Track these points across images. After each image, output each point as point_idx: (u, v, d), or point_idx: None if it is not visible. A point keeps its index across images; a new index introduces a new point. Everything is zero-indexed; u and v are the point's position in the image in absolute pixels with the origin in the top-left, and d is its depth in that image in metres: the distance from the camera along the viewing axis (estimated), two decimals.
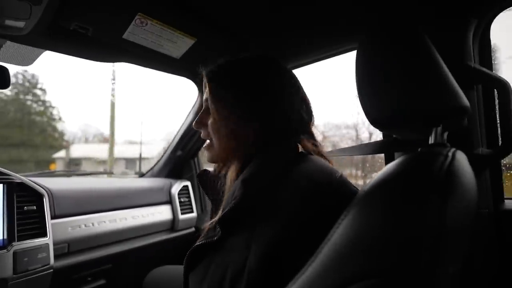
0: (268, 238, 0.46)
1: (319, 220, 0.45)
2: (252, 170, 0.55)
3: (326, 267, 0.32)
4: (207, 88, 0.62)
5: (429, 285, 0.26)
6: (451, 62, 0.46)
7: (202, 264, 0.53)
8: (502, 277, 0.68)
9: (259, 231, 0.47)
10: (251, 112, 0.57)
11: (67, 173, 1.37)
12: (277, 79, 0.60)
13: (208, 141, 0.65)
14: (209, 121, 0.62)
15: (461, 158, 0.35)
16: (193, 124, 0.66)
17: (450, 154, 0.34)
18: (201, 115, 0.65)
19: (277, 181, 0.52)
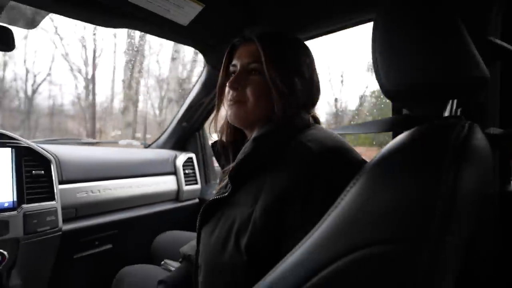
0: (274, 192, 0.49)
1: (325, 183, 0.48)
2: (264, 130, 0.59)
3: (335, 232, 0.32)
4: (261, 52, 0.61)
5: (436, 252, 0.26)
6: (473, 36, 0.44)
7: (214, 218, 0.58)
8: (505, 257, 0.69)
9: (267, 185, 0.50)
10: (290, 82, 0.61)
11: (73, 141, 1.38)
12: (308, 58, 0.67)
13: (236, 101, 0.64)
14: (252, 82, 0.63)
15: (478, 130, 0.34)
16: (230, 84, 0.64)
17: (467, 125, 0.33)
18: (238, 75, 0.64)
19: (288, 142, 0.55)
